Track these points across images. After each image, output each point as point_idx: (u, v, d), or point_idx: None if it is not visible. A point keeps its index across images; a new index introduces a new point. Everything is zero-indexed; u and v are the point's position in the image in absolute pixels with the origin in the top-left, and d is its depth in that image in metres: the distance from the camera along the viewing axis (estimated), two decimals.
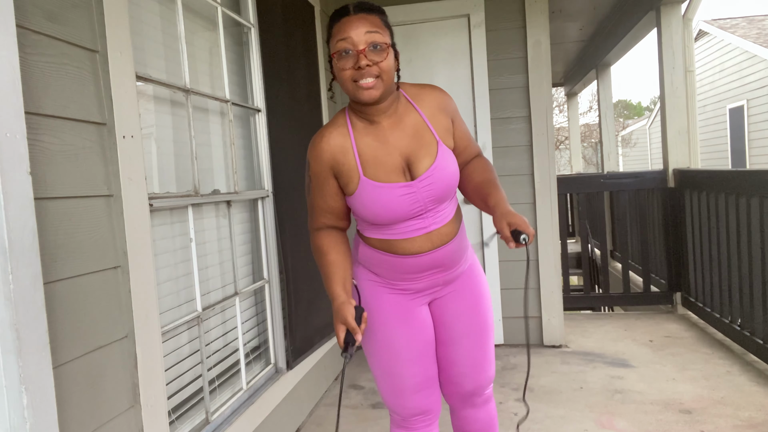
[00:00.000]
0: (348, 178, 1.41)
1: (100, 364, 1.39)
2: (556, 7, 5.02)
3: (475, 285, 1.59)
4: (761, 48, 10.08)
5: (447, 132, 1.47)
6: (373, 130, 1.42)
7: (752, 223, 3.03)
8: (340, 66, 1.33)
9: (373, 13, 1.34)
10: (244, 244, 2.45)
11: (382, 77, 1.32)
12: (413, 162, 1.41)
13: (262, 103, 2.51)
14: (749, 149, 10.70)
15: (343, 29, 1.31)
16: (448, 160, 1.44)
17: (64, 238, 1.29)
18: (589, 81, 8.00)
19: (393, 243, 1.45)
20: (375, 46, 1.31)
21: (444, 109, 1.48)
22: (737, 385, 2.82)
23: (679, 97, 4.20)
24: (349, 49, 1.31)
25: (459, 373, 1.59)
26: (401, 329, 1.51)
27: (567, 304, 4.30)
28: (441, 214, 1.46)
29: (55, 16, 1.31)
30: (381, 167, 1.39)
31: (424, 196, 1.41)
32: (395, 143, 1.41)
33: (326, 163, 1.41)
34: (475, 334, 1.58)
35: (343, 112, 1.45)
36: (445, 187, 1.42)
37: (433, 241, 1.45)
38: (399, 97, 1.44)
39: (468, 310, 1.57)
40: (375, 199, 1.39)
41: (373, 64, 1.30)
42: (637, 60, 77.61)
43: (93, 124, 1.42)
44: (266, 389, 2.34)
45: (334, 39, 1.33)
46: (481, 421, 1.65)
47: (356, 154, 1.40)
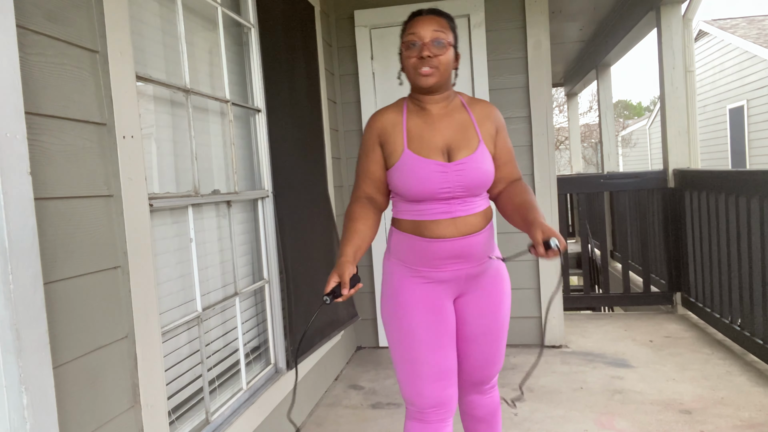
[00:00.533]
0: (393, 148, 1.59)
1: (100, 364, 1.39)
2: (556, 7, 5.02)
3: (498, 289, 1.69)
4: (761, 48, 10.08)
5: (490, 138, 1.64)
6: (425, 114, 1.62)
7: (752, 223, 3.03)
8: (406, 54, 1.56)
9: (442, 17, 1.57)
10: (244, 244, 2.46)
11: (439, 68, 1.54)
12: (453, 149, 1.57)
13: (262, 103, 2.51)
14: (749, 149, 10.70)
15: (414, 25, 1.55)
16: (485, 158, 1.59)
17: (64, 238, 1.29)
18: (589, 81, 8.00)
19: (420, 224, 1.58)
20: (438, 42, 1.53)
21: (493, 119, 1.66)
22: (737, 385, 2.82)
23: (679, 97, 4.20)
24: (416, 42, 1.53)
25: (470, 366, 1.72)
26: (425, 318, 1.60)
27: (567, 304, 4.30)
28: (468, 205, 1.58)
29: (55, 16, 1.31)
30: (424, 144, 1.57)
31: (454, 179, 1.54)
32: (441, 129, 1.60)
33: (375, 132, 1.62)
34: (491, 334, 1.69)
35: (403, 99, 1.67)
36: (475, 178, 1.56)
37: (458, 227, 1.56)
38: (454, 97, 1.66)
39: (489, 312, 1.68)
40: (413, 170, 1.54)
41: (434, 56, 1.52)
42: (637, 60, 77.64)
43: (93, 124, 1.42)
44: (266, 389, 2.34)
45: (406, 33, 1.56)
46: (485, 407, 1.80)
47: (404, 130, 1.59)
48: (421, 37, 1.53)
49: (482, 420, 1.83)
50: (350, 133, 3.80)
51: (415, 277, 1.62)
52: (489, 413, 1.82)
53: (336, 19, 3.74)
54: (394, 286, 1.64)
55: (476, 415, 1.82)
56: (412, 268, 1.62)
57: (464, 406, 1.84)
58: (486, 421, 1.83)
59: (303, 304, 2.60)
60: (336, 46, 3.75)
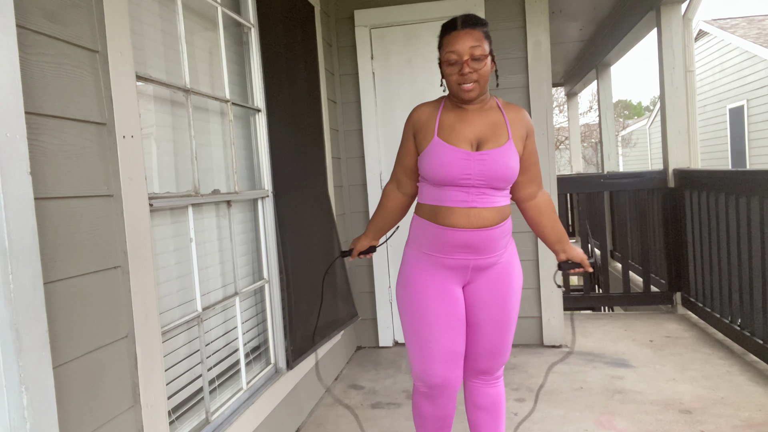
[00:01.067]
0: (425, 135, 1.73)
1: (100, 364, 1.39)
2: (556, 7, 5.02)
3: (507, 281, 1.78)
4: (761, 48, 10.08)
5: (520, 139, 1.75)
6: (460, 111, 1.74)
7: (752, 223, 3.03)
8: (448, 72, 1.67)
9: (477, 28, 1.64)
10: (244, 244, 2.45)
11: (479, 81, 1.65)
12: (482, 141, 1.69)
13: (262, 103, 2.51)
14: (749, 149, 10.70)
15: (452, 42, 1.63)
16: (511, 154, 1.69)
17: (64, 238, 1.29)
18: (589, 81, 8.01)
19: (437, 210, 1.70)
20: (476, 59, 1.62)
21: (524, 124, 1.77)
22: (737, 385, 2.82)
23: (679, 97, 4.20)
24: (455, 60, 1.63)
25: (476, 354, 1.81)
26: (436, 302, 1.73)
27: (567, 304, 4.30)
28: (485, 198, 1.68)
29: (55, 16, 1.31)
30: (454, 134, 1.69)
31: (476, 168, 1.65)
32: (473, 124, 1.71)
33: (411, 123, 1.78)
34: (497, 324, 1.78)
35: (443, 96, 1.80)
36: (497, 170, 1.66)
37: (471, 219, 1.67)
38: (490, 99, 1.77)
39: (493, 303, 1.76)
40: (438, 155, 1.67)
41: (474, 71, 1.63)
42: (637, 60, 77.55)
43: (93, 124, 1.42)
44: (266, 389, 2.34)
45: (445, 49, 1.66)
46: (489, 396, 1.87)
47: (437, 121, 1.73)
48: (460, 54, 1.62)
49: (484, 409, 1.88)
50: (350, 133, 3.80)
51: (428, 263, 1.75)
52: (491, 403, 1.87)
53: (336, 19, 3.74)
54: (408, 272, 1.78)
55: (479, 403, 1.88)
56: (426, 254, 1.75)
57: (468, 393, 1.90)
58: (488, 410, 1.88)
59: (303, 304, 2.60)
60: (336, 46, 3.75)
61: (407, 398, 2.93)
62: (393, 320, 3.84)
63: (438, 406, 1.80)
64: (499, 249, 1.75)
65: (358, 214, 3.83)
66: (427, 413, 1.83)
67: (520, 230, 3.60)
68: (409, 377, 3.23)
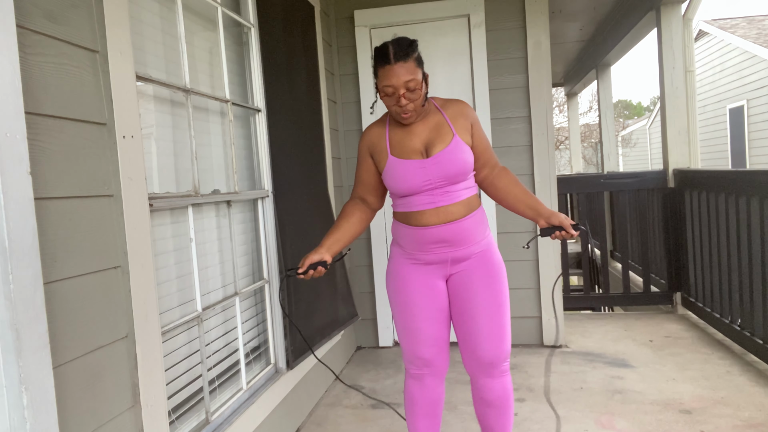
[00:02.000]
0: (381, 157, 1.87)
1: (100, 364, 1.39)
2: (556, 7, 5.02)
3: (488, 265, 1.86)
4: (761, 48, 10.08)
5: (465, 131, 1.85)
6: (404, 126, 1.86)
7: (752, 223, 3.03)
8: (386, 101, 1.79)
9: (409, 59, 1.73)
10: (244, 244, 2.45)
11: (416, 108, 1.78)
12: (430, 147, 1.81)
13: (262, 103, 2.51)
14: (749, 149, 10.70)
15: (387, 77, 1.73)
16: (462, 148, 1.80)
17: (64, 238, 1.29)
18: (589, 81, 8.00)
19: (409, 215, 1.84)
20: (410, 90, 1.73)
21: (465, 115, 1.87)
22: (737, 385, 2.82)
23: (679, 97, 4.20)
24: (392, 93, 1.74)
25: (476, 344, 1.86)
26: (418, 295, 1.89)
27: (567, 304, 4.30)
28: (450, 194, 1.80)
29: (55, 16, 1.31)
30: (404, 149, 1.83)
31: (433, 171, 1.78)
32: (418, 133, 1.84)
33: (366, 146, 1.92)
34: (488, 307, 1.84)
35: (387, 113, 1.92)
36: (453, 167, 1.77)
37: (440, 216, 1.80)
38: (428, 105, 1.87)
39: (481, 285, 1.85)
40: (397, 171, 1.81)
41: (410, 101, 1.75)
42: (637, 60, 77.57)
43: (93, 124, 1.42)
44: (266, 389, 2.34)
45: (381, 82, 1.75)
46: (497, 391, 1.91)
47: (387, 140, 1.87)
48: (396, 88, 1.72)
49: (491, 404, 1.92)
50: (350, 133, 3.80)
51: (410, 259, 1.90)
52: (498, 398, 1.91)
53: (336, 19, 3.74)
54: (394, 268, 1.94)
55: (486, 398, 1.92)
56: (408, 252, 1.90)
57: (475, 389, 1.95)
58: (495, 406, 1.92)
59: (303, 304, 2.60)
60: (336, 46, 3.75)
61: None
62: (393, 320, 3.84)
63: (426, 387, 1.95)
64: (475, 240, 1.85)
65: None
66: (417, 396, 1.97)
67: (517, 231, 3.60)
68: None
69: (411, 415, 2.00)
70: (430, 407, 1.97)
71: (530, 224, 3.58)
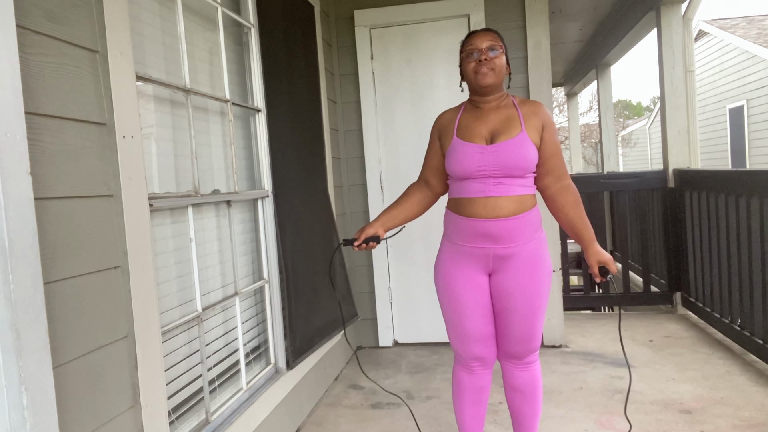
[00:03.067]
0: (447, 138, 1.94)
1: (100, 364, 1.39)
2: (556, 7, 5.02)
3: (531, 269, 1.86)
4: (761, 48, 10.08)
5: (535, 130, 1.86)
6: (477, 111, 1.92)
7: (752, 223, 3.03)
8: (467, 62, 1.87)
9: (493, 32, 1.88)
10: (244, 244, 2.45)
11: (494, 69, 1.83)
12: (495, 135, 1.85)
13: (262, 103, 2.51)
14: (749, 149, 10.70)
15: (471, 39, 1.87)
16: (524, 143, 1.81)
17: (64, 238, 1.29)
18: (589, 81, 8.00)
19: (460, 203, 1.88)
20: (492, 50, 1.83)
21: (540, 115, 1.89)
22: (737, 385, 2.82)
23: (679, 97, 4.20)
24: (474, 51, 1.85)
25: (507, 339, 1.94)
26: (464, 292, 1.92)
27: (567, 304, 4.30)
28: (502, 187, 1.82)
29: (55, 16, 1.31)
30: (470, 132, 1.88)
31: (491, 159, 1.81)
32: (488, 120, 1.88)
33: (436, 128, 2.00)
34: (522, 313, 1.87)
35: (464, 102, 2.00)
36: (511, 160, 1.79)
37: (488, 208, 1.82)
38: (506, 98, 1.93)
39: (519, 292, 1.86)
40: (456, 151, 1.86)
41: (489, 60, 1.82)
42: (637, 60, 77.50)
43: (93, 124, 1.42)
44: (266, 389, 2.34)
45: (465, 46, 1.87)
46: (524, 378, 1.98)
47: (457, 123, 1.93)
48: (477, 46, 1.84)
49: (518, 390, 1.99)
50: (350, 133, 3.80)
51: (456, 253, 1.92)
52: (525, 384, 1.98)
53: (336, 19, 3.74)
54: (441, 263, 1.97)
55: (513, 384, 2.00)
56: (454, 243, 1.93)
57: (504, 376, 2.03)
58: (522, 391, 1.99)
59: (303, 304, 2.60)
60: (336, 46, 3.75)
61: (407, 398, 2.93)
62: (393, 320, 3.84)
63: (475, 375, 2.02)
64: (521, 240, 1.85)
65: (358, 214, 3.83)
66: (465, 383, 2.04)
67: None
68: (409, 377, 3.23)
69: (459, 402, 2.07)
70: (478, 394, 2.04)
71: None
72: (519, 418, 2.04)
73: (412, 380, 3.18)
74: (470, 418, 2.08)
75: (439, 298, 2.00)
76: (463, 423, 2.09)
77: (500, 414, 2.66)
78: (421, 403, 2.86)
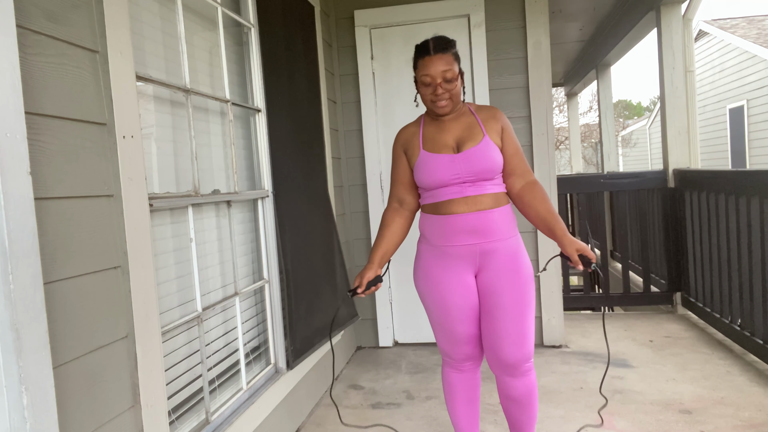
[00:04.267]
0: (413, 152, 1.95)
1: (100, 364, 1.39)
2: (556, 7, 5.03)
3: (516, 268, 1.87)
4: (761, 48, 10.08)
5: (496, 133, 1.91)
6: (438, 123, 1.96)
7: (752, 223, 3.03)
8: (423, 92, 1.89)
9: (447, 51, 1.83)
10: (244, 244, 2.45)
11: (452, 99, 1.87)
12: (461, 143, 1.89)
13: (262, 103, 2.51)
14: (749, 149, 10.70)
15: (426, 66, 1.83)
16: (489, 148, 1.86)
17: (64, 238, 1.29)
18: (589, 81, 8.00)
19: (438, 205, 1.90)
20: (447, 80, 1.83)
21: (497, 119, 1.94)
22: (737, 385, 2.82)
23: (679, 97, 4.20)
24: (429, 82, 1.84)
25: (499, 348, 1.89)
26: (452, 294, 1.91)
27: (567, 304, 4.30)
28: (478, 186, 1.85)
29: (55, 16, 1.31)
30: (436, 144, 1.91)
31: (462, 166, 1.84)
32: (451, 130, 1.92)
33: (400, 144, 2.01)
34: (513, 310, 1.86)
35: (422, 115, 2.02)
36: (481, 164, 1.83)
37: (469, 204, 1.85)
38: (463, 107, 1.97)
39: (507, 288, 1.86)
40: (427, 164, 1.88)
41: (446, 92, 1.84)
42: (637, 60, 77.54)
43: (93, 124, 1.42)
44: (266, 389, 2.34)
45: (419, 72, 1.86)
46: (520, 389, 1.95)
47: (421, 137, 1.95)
48: (433, 77, 1.82)
49: (515, 400, 1.97)
50: (350, 133, 3.80)
51: (439, 255, 1.92)
52: (522, 395, 1.95)
53: (336, 19, 3.74)
54: (424, 267, 1.97)
55: (509, 395, 1.97)
56: (435, 246, 1.92)
57: (499, 387, 2.00)
58: (518, 402, 1.96)
59: (303, 304, 2.60)
60: (336, 46, 3.75)
61: (407, 398, 2.93)
62: (393, 320, 3.84)
63: (467, 374, 2.04)
64: (503, 233, 1.88)
65: (358, 214, 3.83)
66: (458, 383, 2.05)
67: (520, 230, 3.59)
68: (409, 377, 3.23)
69: (451, 402, 2.08)
70: (470, 392, 2.06)
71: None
72: (516, 425, 2.03)
73: (412, 380, 3.18)
74: (465, 417, 2.08)
75: (426, 302, 1.99)
76: (458, 423, 2.09)
77: (500, 414, 2.66)
78: (421, 403, 2.86)
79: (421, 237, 2.01)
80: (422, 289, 1.98)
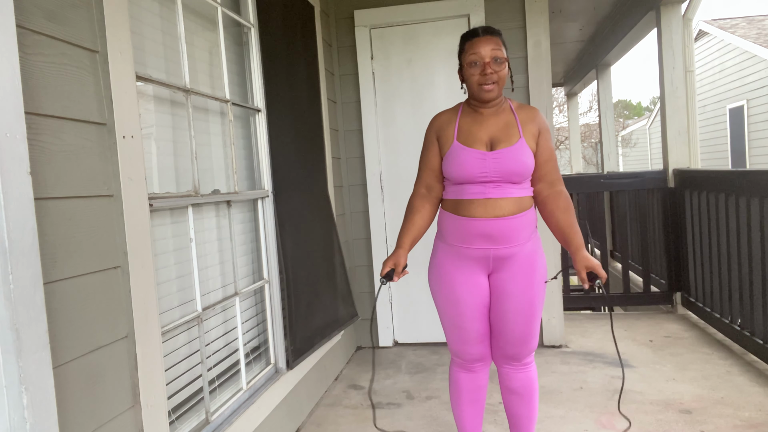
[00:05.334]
0: (446, 140, 1.91)
1: (100, 364, 1.39)
2: (556, 7, 5.02)
3: (529, 270, 1.87)
4: (761, 48, 10.08)
5: (532, 137, 1.88)
6: (476, 115, 1.91)
7: (752, 223, 3.03)
8: (470, 72, 1.83)
9: (496, 35, 1.83)
10: (244, 244, 2.45)
11: (498, 83, 1.82)
12: (495, 142, 1.85)
13: (262, 103, 2.51)
14: (749, 149, 10.70)
15: (475, 46, 1.81)
16: (523, 151, 1.82)
17: (64, 238, 1.29)
18: (589, 81, 8.00)
19: (459, 204, 1.87)
20: (496, 60, 1.80)
21: (536, 122, 1.90)
22: (737, 385, 2.82)
23: (679, 97, 4.20)
24: (477, 61, 1.81)
25: (504, 341, 1.94)
26: (465, 293, 1.91)
27: (567, 304, 4.30)
28: (502, 189, 1.82)
29: (55, 16, 1.31)
30: (470, 137, 1.86)
31: (492, 165, 1.81)
32: (488, 126, 1.87)
33: (434, 129, 1.96)
34: (521, 313, 1.88)
35: (461, 103, 1.99)
36: (511, 167, 1.80)
37: (488, 209, 1.82)
38: (504, 102, 1.92)
39: (518, 293, 1.87)
40: (457, 156, 1.84)
41: (494, 72, 1.80)
42: (637, 60, 77.51)
43: (93, 124, 1.42)
44: (266, 389, 2.34)
45: (467, 53, 1.83)
46: (521, 380, 1.99)
47: (456, 127, 1.91)
48: (482, 56, 1.79)
49: (515, 392, 2.00)
50: (350, 133, 3.80)
51: (453, 254, 1.91)
52: (522, 386, 1.98)
53: (336, 19, 3.74)
54: (438, 263, 1.96)
55: (510, 386, 2.00)
56: (452, 245, 1.91)
57: (500, 378, 2.03)
58: (518, 393, 1.99)
59: (303, 304, 2.60)
60: (336, 46, 3.75)
61: (407, 398, 2.93)
62: (393, 320, 3.84)
63: (475, 374, 2.04)
64: (519, 240, 1.86)
65: (358, 214, 3.83)
66: (465, 383, 2.04)
67: None
68: (409, 377, 3.23)
69: (458, 402, 2.08)
70: (476, 393, 2.05)
71: None
72: (516, 420, 2.04)
73: (412, 380, 3.18)
74: (469, 418, 2.08)
75: (438, 300, 1.98)
76: (462, 423, 2.09)
77: (500, 414, 2.66)
78: (421, 403, 2.86)
79: (438, 233, 1.99)
80: (436, 287, 1.97)
